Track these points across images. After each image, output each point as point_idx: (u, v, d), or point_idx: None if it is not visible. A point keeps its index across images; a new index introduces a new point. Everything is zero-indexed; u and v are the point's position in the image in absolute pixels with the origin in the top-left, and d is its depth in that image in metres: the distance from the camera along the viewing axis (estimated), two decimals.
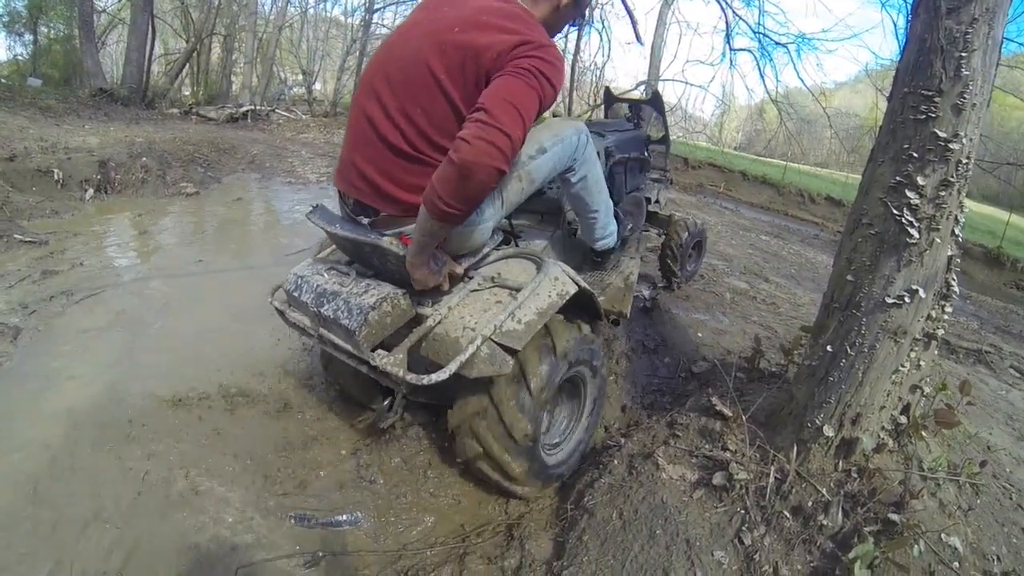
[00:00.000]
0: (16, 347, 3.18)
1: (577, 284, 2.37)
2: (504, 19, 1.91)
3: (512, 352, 2.07)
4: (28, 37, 18.19)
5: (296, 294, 2.29)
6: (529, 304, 2.16)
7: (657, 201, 4.61)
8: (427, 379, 1.93)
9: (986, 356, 4.62)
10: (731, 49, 11.35)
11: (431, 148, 1.96)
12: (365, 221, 2.15)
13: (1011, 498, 2.28)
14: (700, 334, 3.66)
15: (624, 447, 2.50)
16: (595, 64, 15.80)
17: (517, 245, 2.83)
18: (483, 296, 2.23)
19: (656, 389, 3.29)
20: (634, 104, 4.70)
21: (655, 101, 4.55)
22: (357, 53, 17.93)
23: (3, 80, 13.49)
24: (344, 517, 2.35)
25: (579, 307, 2.51)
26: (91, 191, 6.32)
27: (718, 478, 2.10)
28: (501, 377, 2.16)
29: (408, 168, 2.00)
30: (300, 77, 21.44)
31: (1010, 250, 12.85)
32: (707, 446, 2.31)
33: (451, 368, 1.94)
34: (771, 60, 10.87)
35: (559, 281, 2.30)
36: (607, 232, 2.92)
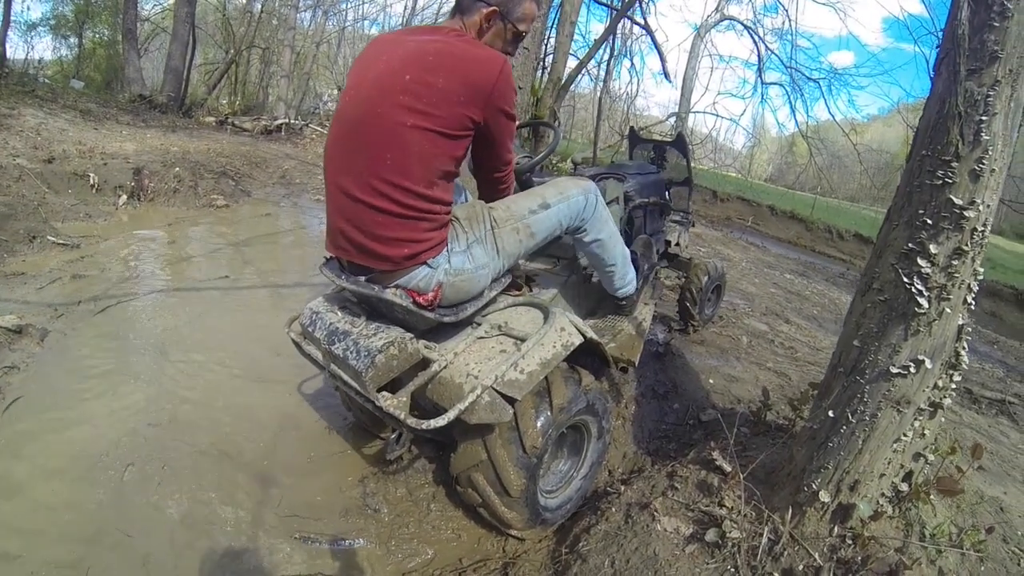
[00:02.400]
0: (43, 348, 3.28)
1: (583, 335, 2.38)
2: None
3: (512, 401, 2.09)
4: (73, 40, 18.73)
5: (310, 329, 2.34)
6: (533, 354, 2.19)
7: (678, 244, 4.57)
8: (427, 424, 1.98)
9: (1010, 407, 4.50)
10: (763, 83, 11.36)
11: (414, 199, 1.98)
12: (363, 279, 2.18)
13: (1020, 564, 2.21)
14: (712, 381, 3.63)
15: (623, 495, 2.50)
16: (627, 94, 15.86)
17: (531, 290, 2.90)
18: (488, 344, 2.28)
19: (663, 435, 3.27)
20: (658, 145, 4.69)
21: (679, 143, 4.53)
22: None
23: (47, 80, 13.87)
24: (347, 543, 2.38)
25: (587, 354, 2.53)
26: (124, 197, 6.50)
27: (711, 535, 2.08)
28: (498, 430, 2.20)
29: (392, 224, 2.01)
30: (336, 92, 21.79)
31: None
32: (704, 500, 2.29)
33: (450, 415, 1.97)
34: (802, 94, 10.83)
35: (565, 332, 2.32)
36: (626, 281, 2.93)
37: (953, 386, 1.98)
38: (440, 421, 1.97)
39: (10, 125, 7.42)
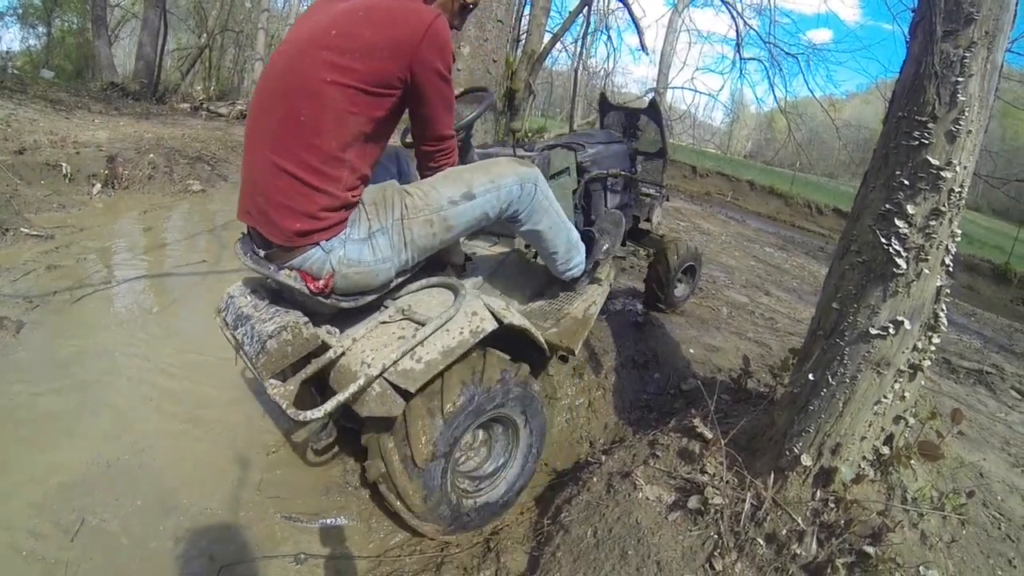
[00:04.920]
0: (18, 340, 3.23)
1: (499, 320, 2.20)
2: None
3: (406, 394, 1.96)
4: (42, 29, 18.40)
5: (224, 314, 2.25)
6: (434, 342, 2.02)
7: (648, 219, 4.26)
8: (302, 415, 1.86)
9: (987, 377, 4.57)
10: (741, 58, 11.30)
11: (320, 162, 1.86)
12: (262, 254, 2.05)
13: (1000, 528, 2.26)
14: (692, 351, 3.64)
15: (604, 465, 2.49)
16: (604, 71, 15.80)
17: (465, 269, 2.75)
18: (390, 329, 2.11)
19: (643, 405, 3.28)
20: (630, 113, 4.29)
21: (652, 110, 4.08)
22: None
23: (16, 71, 13.61)
24: (329, 521, 2.38)
25: (525, 341, 2.41)
26: (99, 186, 6.35)
27: (693, 502, 2.08)
28: (392, 433, 2.08)
29: (291, 190, 1.88)
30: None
31: (1018, 266, 12.69)
32: (685, 468, 2.29)
33: (327, 407, 1.87)
34: (781, 70, 10.82)
35: (476, 317, 2.15)
36: (571, 265, 2.73)
37: (932, 348, 1.99)
38: (316, 413, 1.86)
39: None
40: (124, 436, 2.61)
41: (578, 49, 13.42)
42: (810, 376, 2.06)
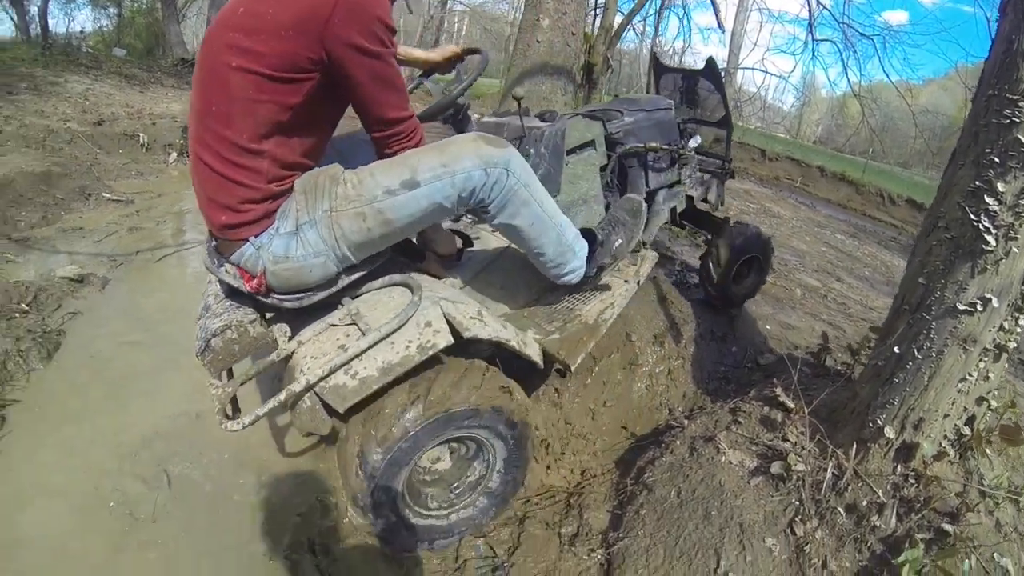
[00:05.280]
0: (104, 295, 3.49)
1: (458, 335, 1.89)
2: None
3: (335, 413, 1.79)
4: (113, 10, 19.02)
5: (201, 302, 2.11)
6: (374, 355, 1.77)
7: (706, 200, 3.66)
8: (226, 425, 1.75)
9: None
10: (813, 39, 10.97)
11: (236, 154, 1.70)
12: (214, 245, 1.89)
13: None
14: (768, 327, 3.64)
15: (687, 429, 2.54)
16: (673, 50, 15.54)
17: (459, 258, 2.51)
18: (335, 334, 1.88)
19: (721, 377, 3.32)
20: (687, 76, 3.68)
21: (710, 72, 3.46)
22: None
23: (90, 50, 14.16)
24: None
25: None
26: (174, 155, 6.70)
27: (776, 467, 2.13)
28: (356, 419, 1.88)
29: (213, 183, 1.74)
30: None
31: None
32: (767, 435, 2.33)
33: (245, 420, 1.75)
34: (855, 52, 10.44)
35: (430, 329, 1.84)
36: (565, 271, 2.29)
37: (1019, 330, 1.97)
38: (234, 425, 1.75)
39: (59, 92, 7.75)
40: (206, 391, 2.74)
41: (647, 28, 13.29)
42: (895, 349, 2.07)
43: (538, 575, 2.13)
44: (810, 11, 10.47)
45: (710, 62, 3.44)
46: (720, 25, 9.50)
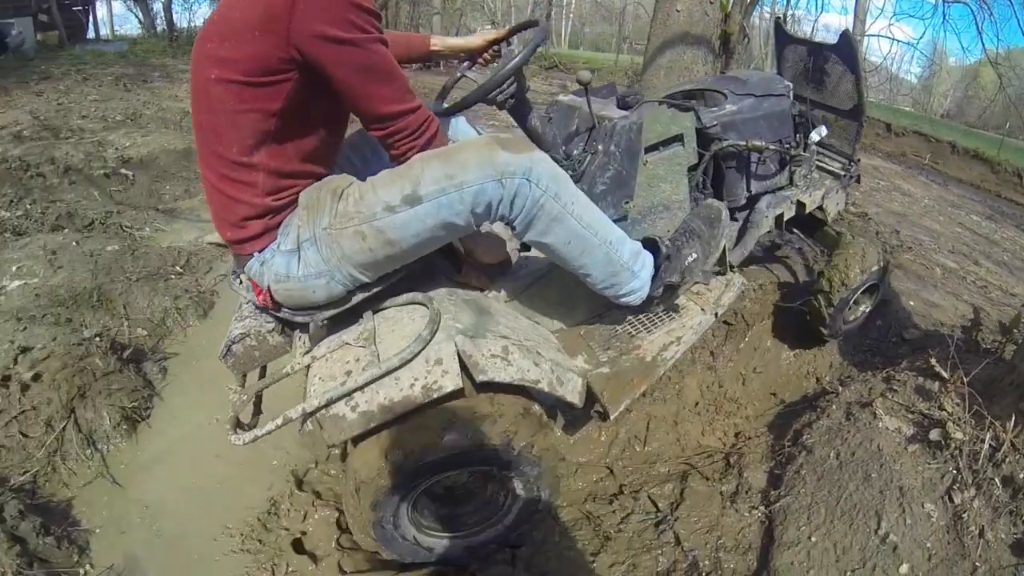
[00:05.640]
0: None
1: (471, 379, 1.70)
2: None
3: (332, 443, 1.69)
4: None
5: (239, 301, 2.07)
6: (378, 389, 1.63)
7: (821, 207, 3.03)
8: (234, 438, 1.71)
9: None
10: (944, 1, 10.26)
11: (228, 169, 1.64)
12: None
13: None
14: (911, 303, 3.63)
15: (842, 395, 2.60)
16: (799, 17, 14.98)
17: (509, 267, 2.30)
18: (348, 355, 1.77)
19: (867, 349, 3.35)
20: (815, 50, 3.06)
21: (843, 47, 2.85)
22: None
23: None
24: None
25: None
26: None
27: (935, 434, 2.13)
28: (360, 449, 1.76)
29: (214, 197, 1.72)
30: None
31: None
32: (923, 404, 2.35)
33: (245, 438, 1.70)
34: (991, 14, 9.65)
35: (438, 368, 1.65)
36: (621, 292, 2.00)
37: None
38: (238, 440, 1.70)
39: (189, 78, 8.22)
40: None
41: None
42: None
43: (702, 530, 2.21)
44: None
45: (845, 35, 2.92)
46: None
